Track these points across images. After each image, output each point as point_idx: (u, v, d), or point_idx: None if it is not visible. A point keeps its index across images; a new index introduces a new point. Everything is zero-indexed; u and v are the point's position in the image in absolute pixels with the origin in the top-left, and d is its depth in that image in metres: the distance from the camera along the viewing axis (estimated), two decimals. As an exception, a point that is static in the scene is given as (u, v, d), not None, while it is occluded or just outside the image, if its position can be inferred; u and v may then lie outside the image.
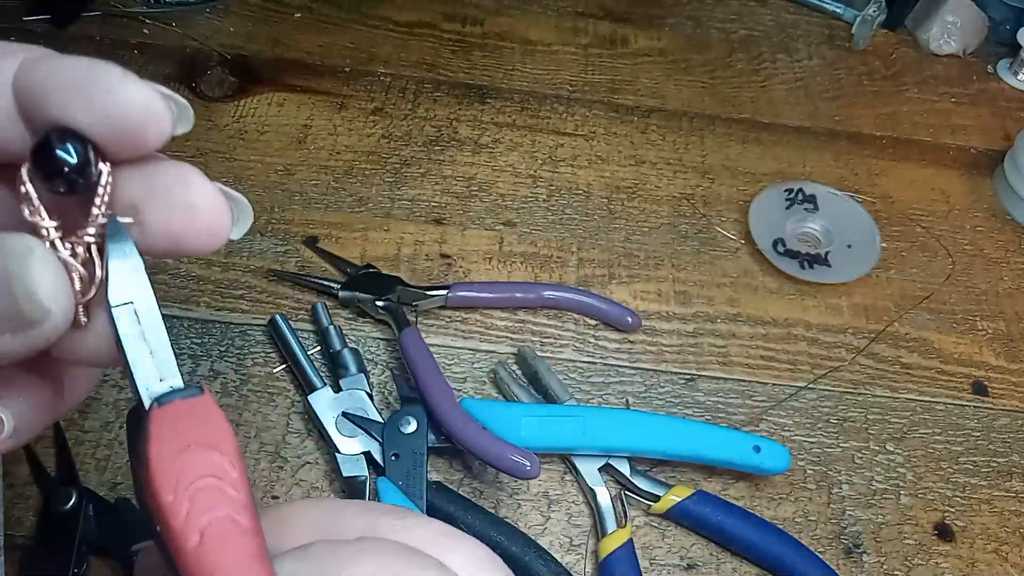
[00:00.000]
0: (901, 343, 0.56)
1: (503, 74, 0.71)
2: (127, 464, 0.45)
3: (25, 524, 0.43)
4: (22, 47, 0.18)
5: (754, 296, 0.58)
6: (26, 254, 0.17)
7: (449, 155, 0.63)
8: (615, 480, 0.48)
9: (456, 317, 0.54)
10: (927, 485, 0.50)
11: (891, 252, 0.62)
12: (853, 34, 0.78)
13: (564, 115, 0.68)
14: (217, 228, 0.19)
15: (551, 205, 0.61)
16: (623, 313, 0.54)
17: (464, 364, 0.52)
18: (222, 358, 0.50)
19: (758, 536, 0.45)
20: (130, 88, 0.17)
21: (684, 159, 0.66)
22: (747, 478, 0.49)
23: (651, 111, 0.69)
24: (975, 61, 0.78)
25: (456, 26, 0.74)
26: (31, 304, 0.17)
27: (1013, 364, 0.56)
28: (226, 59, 0.68)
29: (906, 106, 0.73)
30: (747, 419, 0.52)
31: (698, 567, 0.46)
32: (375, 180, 0.61)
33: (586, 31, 0.76)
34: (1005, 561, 0.47)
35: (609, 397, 0.52)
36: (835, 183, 0.65)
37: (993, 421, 0.53)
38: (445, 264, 0.57)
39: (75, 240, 0.18)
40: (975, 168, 0.69)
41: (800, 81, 0.74)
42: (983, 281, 0.61)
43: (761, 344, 0.55)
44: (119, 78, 0.17)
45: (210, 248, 0.19)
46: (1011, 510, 0.49)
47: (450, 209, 0.60)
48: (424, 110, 0.66)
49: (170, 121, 0.18)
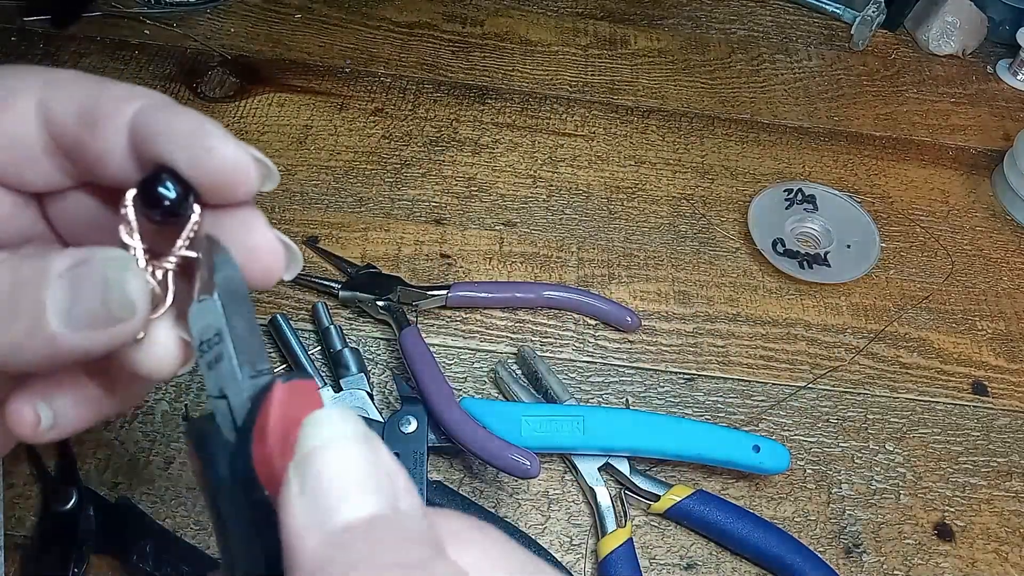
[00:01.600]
0: (901, 343, 0.56)
1: (503, 75, 0.71)
2: (127, 464, 0.45)
3: (25, 524, 0.43)
4: (144, 92, 0.21)
5: (753, 296, 0.58)
6: (125, 263, 0.20)
7: (449, 155, 0.64)
8: (615, 480, 0.48)
9: (456, 317, 0.54)
10: (927, 485, 0.50)
11: (890, 252, 0.62)
12: (852, 35, 0.78)
13: (564, 115, 0.68)
14: (273, 270, 0.22)
15: (551, 205, 0.61)
16: (623, 313, 0.54)
17: (464, 364, 0.52)
18: (222, 358, 0.50)
19: (758, 536, 0.45)
20: (229, 148, 0.20)
21: (684, 159, 0.66)
22: (747, 478, 0.49)
23: (651, 111, 0.70)
24: (974, 61, 0.79)
25: (456, 26, 0.74)
26: (121, 304, 0.20)
27: (1013, 364, 0.56)
28: (226, 59, 0.68)
29: (905, 106, 0.73)
30: (747, 419, 0.52)
31: (698, 567, 0.46)
32: (375, 180, 0.61)
33: (586, 32, 0.76)
34: (1005, 561, 0.48)
35: (609, 397, 0.52)
36: (834, 183, 0.65)
37: (993, 421, 0.53)
38: (445, 264, 0.57)
39: (156, 265, 0.21)
40: (974, 168, 0.69)
41: (800, 81, 0.74)
42: (983, 281, 0.61)
43: (760, 344, 0.55)
44: (221, 139, 0.20)
45: (264, 286, 0.22)
46: (1011, 510, 0.49)
47: (450, 209, 0.60)
48: (424, 110, 0.66)
49: (258, 179, 0.21)
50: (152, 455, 0.46)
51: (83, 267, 0.19)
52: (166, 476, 0.45)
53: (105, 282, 0.19)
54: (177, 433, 0.47)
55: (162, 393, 0.48)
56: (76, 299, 0.19)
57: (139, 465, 0.46)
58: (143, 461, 0.46)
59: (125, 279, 0.20)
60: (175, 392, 0.48)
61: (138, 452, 0.46)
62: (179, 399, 0.48)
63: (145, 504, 0.44)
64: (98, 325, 0.19)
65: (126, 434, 0.46)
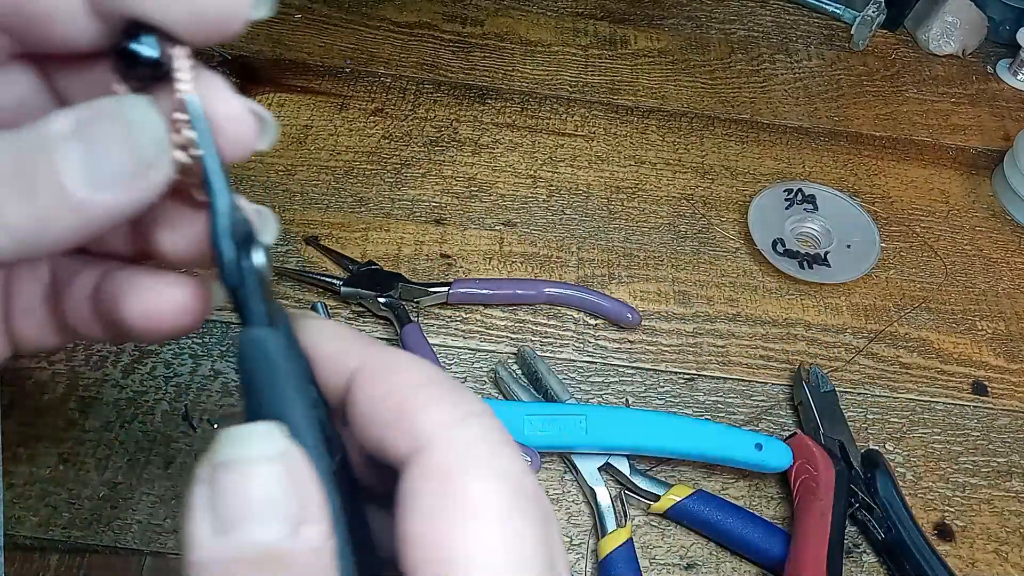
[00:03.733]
0: (900, 343, 0.56)
1: (503, 75, 0.71)
2: (127, 464, 0.45)
3: (25, 524, 0.43)
4: None
5: (753, 296, 0.58)
6: (145, 103, 0.19)
7: (449, 155, 0.64)
8: (615, 479, 0.48)
9: (456, 317, 0.54)
10: (927, 485, 0.50)
11: (890, 252, 0.62)
12: (853, 35, 0.78)
13: (564, 115, 0.68)
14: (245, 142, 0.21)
15: (551, 205, 0.61)
16: (623, 310, 0.54)
17: (464, 364, 0.52)
18: (223, 358, 0.50)
19: (758, 536, 0.45)
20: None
21: (684, 159, 0.66)
22: (747, 478, 0.49)
23: (651, 111, 0.70)
24: (974, 61, 0.79)
25: (456, 27, 0.74)
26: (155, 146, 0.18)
27: (1013, 364, 0.56)
28: (226, 59, 0.68)
29: (905, 106, 0.73)
30: (746, 419, 0.52)
31: (698, 566, 0.46)
32: (375, 180, 0.61)
33: (586, 32, 0.76)
34: (1005, 561, 0.48)
35: (609, 397, 0.52)
36: (834, 183, 0.65)
37: (993, 421, 0.53)
38: (445, 264, 0.57)
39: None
40: (974, 168, 0.69)
41: (800, 81, 0.74)
42: (982, 281, 0.61)
43: (760, 344, 0.55)
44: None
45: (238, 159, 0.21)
46: (1011, 510, 0.49)
47: (450, 209, 0.60)
48: (424, 110, 0.66)
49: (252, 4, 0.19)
50: (152, 455, 0.46)
51: (96, 121, 0.18)
52: (166, 476, 0.45)
53: (129, 127, 0.18)
54: (178, 433, 0.47)
55: (162, 393, 0.48)
56: (97, 155, 0.18)
57: (139, 465, 0.46)
58: (143, 461, 0.46)
59: (152, 118, 0.18)
60: (175, 392, 0.48)
61: (138, 452, 0.46)
62: (179, 399, 0.48)
63: (145, 504, 0.44)
64: (126, 177, 0.18)
65: (126, 434, 0.46)
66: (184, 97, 0.19)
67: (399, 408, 0.20)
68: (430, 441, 0.19)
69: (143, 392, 0.48)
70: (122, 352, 0.50)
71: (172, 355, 0.50)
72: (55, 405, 0.47)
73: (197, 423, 0.47)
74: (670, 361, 0.54)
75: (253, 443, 0.18)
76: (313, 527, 0.17)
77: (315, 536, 0.17)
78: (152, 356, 0.50)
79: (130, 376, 0.49)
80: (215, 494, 0.17)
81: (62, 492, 0.44)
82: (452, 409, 0.20)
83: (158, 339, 0.23)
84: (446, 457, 0.19)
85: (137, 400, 0.48)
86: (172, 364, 0.49)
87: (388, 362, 0.21)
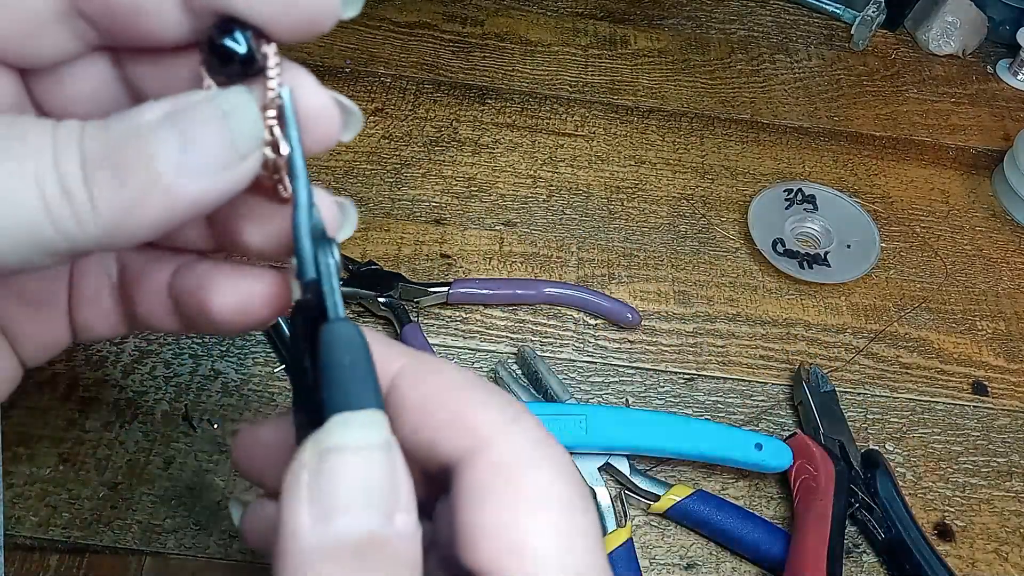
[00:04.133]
0: (900, 343, 0.56)
1: (503, 75, 0.71)
2: (127, 464, 0.45)
3: (25, 524, 0.43)
4: None
5: (753, 296, 0.58)
6: (246, 98, 0.19)
7: (449, 155, 0.64)
8: (615, 480, 0.48)
9: (456, 317, 0.54)
10: (927, 485, 0.50)
11: (890, 252, 0.62)
12: (853, 35, 0.78)
13: (564, 115, 0.68)
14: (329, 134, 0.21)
15: (551, 205, 0.61)
16: (623, 309, 0.54)
17: (464, 364, 0.52)
18: (223, 358, 0.50)
19: (758, 536, 0.45)
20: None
21: (683, 159, 0.66)
22: (747, 478, 0.49)
23: (651, 111, 0.70)
24: (974, 61, 0.79)
25: (456, 26, 0.74)
26: (250, 136, 0.19)
27: (1013, 364, 0.56)
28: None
29: (905, 106, 0.73)
30: (746, 419, 0.52)
31: (698, 566, 0.46)
32: (375, 180, 0.61)
33: (586, 32, 0.76)
34: (1005, 561, 0.48)
35: (609, 397, 0.52)
36: (834, 183, 0.65)
37: (993, 421, 0.53)
38: (445, 264, 0.57)
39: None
40: (974, 168, 0.69)
41: (800, 81, 0.74)
42: (982, 281, 0.61)
43: (760, 344, 0.55)
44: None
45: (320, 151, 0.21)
46: (1011, 510, 0.49)
47: (450, 209, 0.60)
48: (424, 110, 0.66)
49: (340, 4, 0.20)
50: (152, 455, 0.46)
51: (191, 111, 0.18)
52: (166, 476, 0.45)
53: (226, 118, 0.18)
54: (178, 433, 0.47)
55: (162, 393, 0.48)
56: (192, 144, 0.18)
57: (139, 465, 0.46)
58: (143, 461, 0.46)
59: (251, 111, 0.19)
60: (175, 392, 0.48)
61: (138, 452, 0.46)
62: (179, 399, 0.48)
63: (145, 504, 0.44)
64: (219, 168, 0.18)
65: (126, 434, 0.46)
66: (278, 92, 0.20)
67: (454, 408, 0.20)
68: (490, 438, 0.20)
69: (143, 392, 0.48)
70: (122, 352, 0.50)
71: (172, 355, 0.50)
72: (55, 405, 0.47)
73: (197, 423, 0.47)
74: (670, 361, 0.54)
75: (363, 430, 0.18)
76: (406, 515, 0.18)
77: (408, 523, 0.18)
78: (152, 356, 0.50)
79: (130, 376, 0.49)
80: (320, 479, 0.17)
81: (62, 492, 0.44)
82: (504, 408, 0.20)
83: (239, 331, 0.23)
84: (509, 453, 0.20)
85: (137, 400, 0.48)
86: (172, 364, 0.49)
87: (430, 366, 0.21)
